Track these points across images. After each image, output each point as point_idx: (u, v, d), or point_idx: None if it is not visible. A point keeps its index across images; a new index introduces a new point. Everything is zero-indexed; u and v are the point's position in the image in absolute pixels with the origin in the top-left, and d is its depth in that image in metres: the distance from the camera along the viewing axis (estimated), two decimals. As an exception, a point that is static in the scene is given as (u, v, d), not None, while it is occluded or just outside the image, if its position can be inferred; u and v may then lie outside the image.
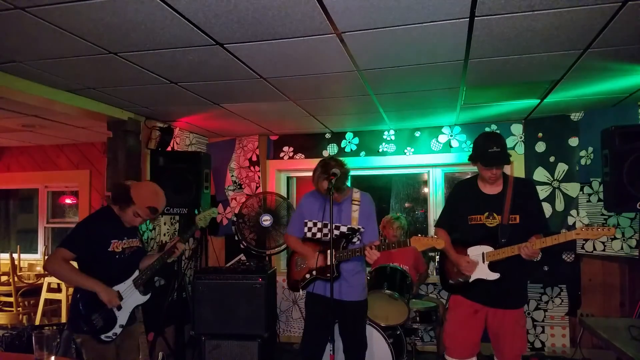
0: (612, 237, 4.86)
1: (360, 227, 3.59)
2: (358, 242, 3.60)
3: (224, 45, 3.00)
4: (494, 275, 3.26)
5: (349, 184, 6.11)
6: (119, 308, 3.13)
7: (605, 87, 4.12)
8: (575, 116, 5.14)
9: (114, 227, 3.19)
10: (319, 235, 3.66)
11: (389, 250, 5.01)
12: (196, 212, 4.18)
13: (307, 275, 3.63)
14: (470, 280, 3.33)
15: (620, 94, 4.33)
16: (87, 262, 3.08)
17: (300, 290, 3.67)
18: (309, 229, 3.69)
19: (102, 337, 3.07)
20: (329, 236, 3.52)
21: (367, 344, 3.79)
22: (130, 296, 3.20)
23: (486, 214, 3.31)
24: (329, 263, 3.49)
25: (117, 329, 3.13)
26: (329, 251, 3.48)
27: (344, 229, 3.59)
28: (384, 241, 5.22)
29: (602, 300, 5.20)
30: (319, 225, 3.65)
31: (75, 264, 3.11)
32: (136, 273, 3.27)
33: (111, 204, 3.24)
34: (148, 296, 3.32)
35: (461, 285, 3.40)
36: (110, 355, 3.14)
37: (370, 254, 3.39)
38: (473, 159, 3.36)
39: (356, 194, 3.68)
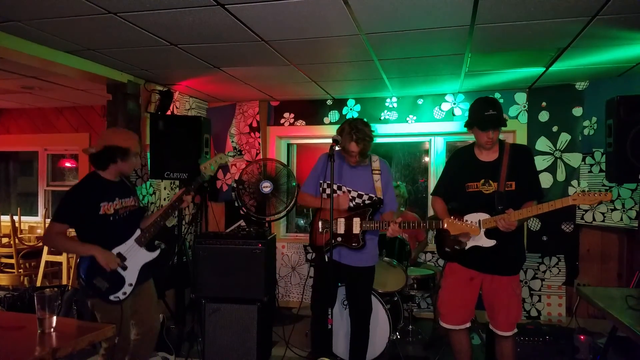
0: (613, 207, 4.87)
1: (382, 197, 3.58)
2: (377, 213, 3.58)
3: (225, 6, 2.93)
4: (490, 242, 3.25)
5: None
6: (124, 268, 3.13)
7: (612, 56, 4.07)
8: (580, 85, 5.09)
9: (102, 190, 3.12)
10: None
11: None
12: (200, 162, 4.03)
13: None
14: (467, 247, 3.33)
15: (627, 63, 4.27)
16: (83, 230, 3.09)
17: (325, 256, 3.45)
18: (324, 190, 3.61)
19: (111, 297, 3.07)
20: (354, 203, 3.55)
21: None
22: (135, 255, 3.19)
23: (482, 180, 3.30)
24: (354, 232, 3.49)
25: (127, 288, 3.13)
26: (354, 219, 3.49)
27: (355, 194, 3.56)
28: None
29: (599, 271, 5.24)
30: (334, 187, 3.52)
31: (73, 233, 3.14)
32: (138, 232, 3.24)
33: (98, 169, 3.16)
34: (156, 253, 3.30)
35: (457, 253, 3.41)
36: (118, 316, 3.11)
37: (392, 230, 3.36)
38: (469, 124, 3.33)
39: (375, 163, 3.62)
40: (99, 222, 3.06)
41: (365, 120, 3.55)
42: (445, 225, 3.22)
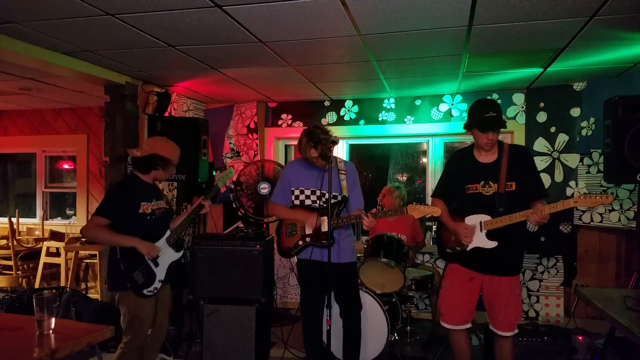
0: (610, 208, 4.87)
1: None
2: (344, 210, 3.63)
3: (223, 7, 2.93)
4: (492, 244, 3.26)
5: (348, 151, 6.11)
6: (156, 265, 3.31)
7: (610, 57, 4.07)
8: (578, 86, 5.09)
9: (142, 190, 3.33)
10: (307, 202, 3.66)
11: (387, 219, 5.07)
12: (214, 172, 4.28)
13: (300, 242, 3.64)
14: (468, 248, 3.34)
15: (625, 63, 4.27)
16: (122, 227, 3.22)
17: (295, 256, 3.71)
18: (297, 197, 3.69)
19: (145, 291, 3.26)
20: (318, 203, 3.62)
21: (363, 310, 3.83)
22: (165, 253, 3.40)
23: (482, 182, 3.30)
24: (323, 229, 3.53)
25: (157, 284, 3.33)
26: (322, 218, 3.53)
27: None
28: (382, 209, 5.23)
29: (597, 271, 5.24)
30: (307, 192, 3.66)
31: None
32: (168, 232, 3.45)
33: (138, 171, 3.37)
34: (181, 253, 3.53)
35: (458, 254, 3.41)
36: (149, 308, 3.33)
37: (368, 222, 3.42)
38: (469, 125, 3.34)
39: (341, 164, 3.70)
40: (138, 220, 3.26)
41: (320, 125, 3.64)
42: (409, 211, 3.36)
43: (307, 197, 3.66)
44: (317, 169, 3.63)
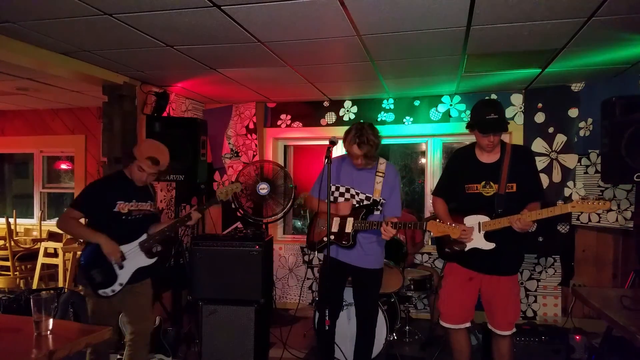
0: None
1: (382, 199, 3.55)
2: (378, 214, 3.57)
3: (221, 7, 2.93)
4: (490, 245, 3.24)
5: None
6: (121, 267, 3.22)
7: (608, 57, 4.08)
8: (576, 87, 5.10)
9: (123, 189, 3.26)
10: (340, 199, 3.61)
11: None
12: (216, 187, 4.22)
13: (325, 239, 3.61)
14: (466, 249, 3.33)
15: (622, 64, 4.28)
16: (95, 221, 3.22)
17: (317, 252, 3.68)
18: (331, 193, 3.62)
19: (99, 292, 3.18)
20: (352, 202, 3.57)
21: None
22: (133, 258, 3.28)
23: (483, 182, 3.28)
24: (346, 230, 3.51)
25: (116, 287, 3.22)
26: (348, 219, 3.51)
27: (362, 196, 3.56)
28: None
29: (595, 271, 5.25)
30: (342, 189, 3.62)
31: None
32: (144, 236, 3.34)
33: (122, 168, 3.34)
34: (153, 260, 3.40)
35: (456, 254, 3.41)
36: (107, 309, 3.25)
37: (386, 231, 3.34)
38: (471, 126, 3.30)
39: (382, 165, 3.62)
40: (111, 218, 3.20)
41: (373, 126, 3.57)
42: (428, 227, 3.27)
43: (342, 194, 3.61)
44: (355, 167, 3.58)
